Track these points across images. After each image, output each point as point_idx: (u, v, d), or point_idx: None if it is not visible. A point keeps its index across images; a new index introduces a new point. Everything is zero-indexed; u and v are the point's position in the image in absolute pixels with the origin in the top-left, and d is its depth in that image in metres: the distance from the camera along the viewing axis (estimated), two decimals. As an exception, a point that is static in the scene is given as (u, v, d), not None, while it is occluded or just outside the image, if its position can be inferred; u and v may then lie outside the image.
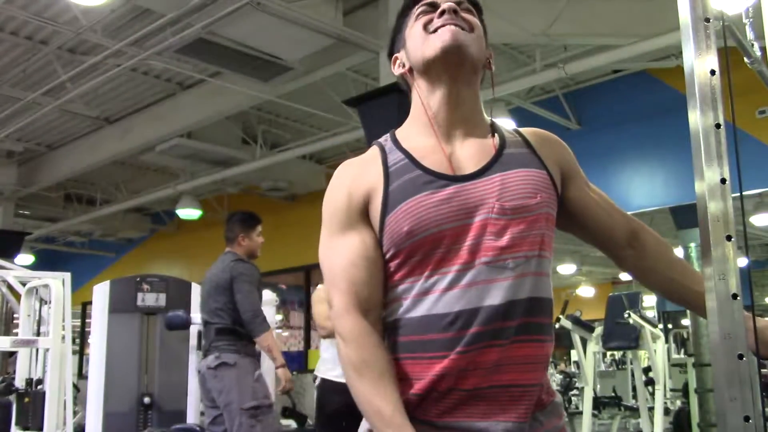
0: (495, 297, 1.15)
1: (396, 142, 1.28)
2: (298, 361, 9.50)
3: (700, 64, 1.14)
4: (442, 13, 1.25)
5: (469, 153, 1.25)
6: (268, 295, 5.20)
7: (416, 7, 1.31)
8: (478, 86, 1.32)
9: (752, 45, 1.50)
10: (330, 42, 5.46)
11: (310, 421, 6.52)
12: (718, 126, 1.12)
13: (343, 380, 4.29)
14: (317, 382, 4.02)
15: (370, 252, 1.20)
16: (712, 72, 1.14)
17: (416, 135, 1.28)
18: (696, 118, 1.14)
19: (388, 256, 1.20)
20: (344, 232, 1.21)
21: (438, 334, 1.15)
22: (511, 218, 1.18)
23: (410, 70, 1.30)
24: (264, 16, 4.94)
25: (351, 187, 1.23)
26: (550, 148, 1.33)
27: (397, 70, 1.34)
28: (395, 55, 1.35)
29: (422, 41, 1.26)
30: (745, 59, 1.52)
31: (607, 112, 6.88)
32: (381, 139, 1.31)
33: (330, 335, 3.96)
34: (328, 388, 3.87)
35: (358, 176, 1.24)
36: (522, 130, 1.36)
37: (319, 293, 4.23)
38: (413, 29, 1.29)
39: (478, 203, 1.18)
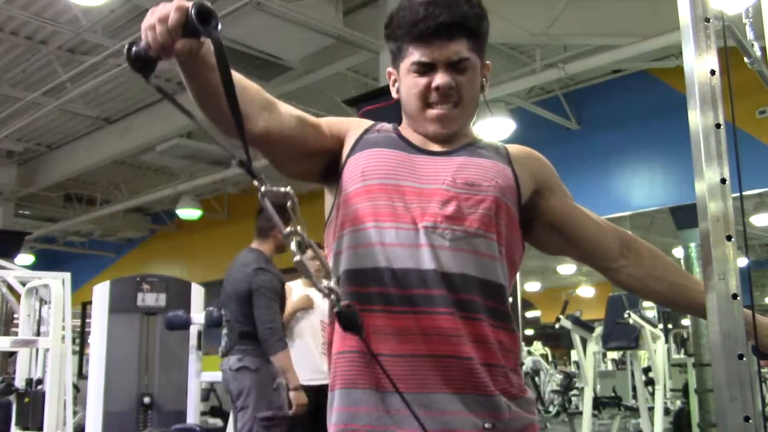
0: (429, 262, 1.17)
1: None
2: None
3: (700, 64, 1.15)
4: (437, 88, 1.26)
5: (445, 141, 1.32)
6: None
7: (412, 49, 1.27)
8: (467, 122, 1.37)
9: (752, 45, 1.50)
10: (330, 42, 5.46)
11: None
12: (718, 126, 1.12)
13: (310, 383, 4.12)
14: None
15: (314, 133, 1.26)
16: (712, 72, 1.14)
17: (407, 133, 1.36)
18: (696, 118, 1.14)
19: (343, 194, 1.25)
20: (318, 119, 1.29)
21: (379, 287, 1.17)
22: (459, 192, 1.22)
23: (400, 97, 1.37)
24: (264, 16, 4.94)
25: (345, 122, 1.35)
26: (528, 160, 1.36)
27: (393, 93, 1.38)
28: (389, 71, 1.38)
29: (414, 105, 1.30)
30: (745, 59, 1.52)
31: (607, 112, 6.88)
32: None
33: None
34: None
35: (354, 123, 1.36)
36: (507, 145, 1.40)
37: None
38: (407, 79, 1.30)
39: (434, 173, 1.24)
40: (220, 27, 0.97)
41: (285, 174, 1.30)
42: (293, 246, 0.96)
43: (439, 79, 1.25)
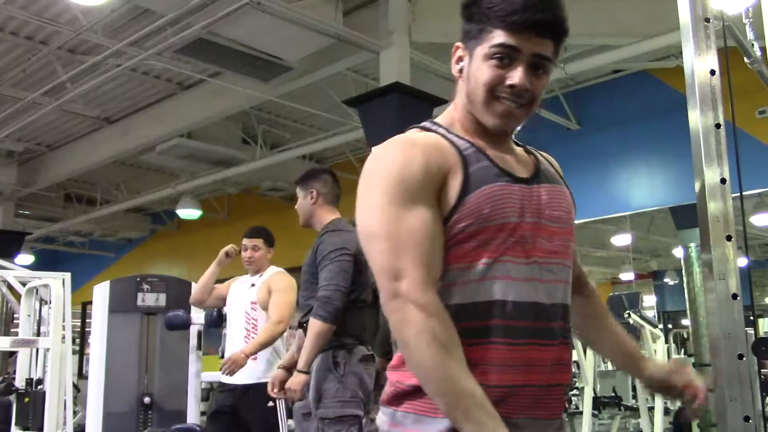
0: (545, 296, 1.20)
1: (448, 131, 1.27)
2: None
3: (700, 64, 1.14)
4: (512, 87, 1.20)
5: (513, 159, 1.28)
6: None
7: (500, 32, 1.19)
8: None
9: (752, 45, 1.50)
10: (330, 42, 5.45)
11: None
12: (718, 126, 1.12)
13: (233, 382, 3.59)
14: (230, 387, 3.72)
15: (439, 230, 1.17)
16: (712, 72, 1.14)
17: (462, 132, 1.28)
18: (696, 118, 1.14)
19: (459, 236, 1.18)
20: (415, 204, 1.16)
21: (503, 320, 1.16)
22: (557, 226, 1.24)
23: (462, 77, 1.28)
24: (264, 16, 4.94)
25: (428, 162, 1.19)
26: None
27: (454, 69, 1.30)
28: (458, 45, 1.28)
29: (481, 94, 1.23)
30: (745, 59, 1.52)
31: (607, 112, 6.88)
32: (426, 125, 1.29)
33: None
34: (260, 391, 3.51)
35: (433, 154, 1.20)
36: (535, 150, 1.39)
37: (290, 281, 3.89)
38: (481, 65, 1.22)
39: (537, 207, 1.23)
40: None
41: None
42: None
43: (518, 77, 1.20)
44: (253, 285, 3.86)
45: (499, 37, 1.19)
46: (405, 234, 1.14)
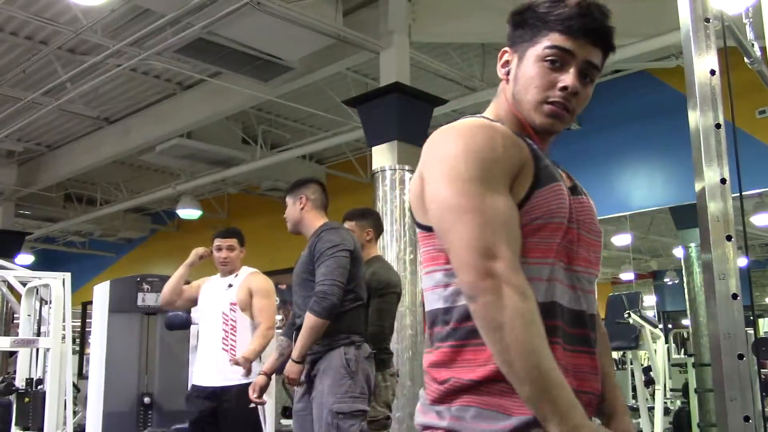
0: (585, 305, 1.22)
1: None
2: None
3: (700, 64, 1.15)
4: (564, 88, 1.21)
5: (543, 137, 1.29)
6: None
7: (555, 35, 1.22)
8: None
9: (752, 45, 1.50)
10: (330, 42, 5.45)
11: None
12: (718, 126, 1.12)
13: (212, 384, 3.55)
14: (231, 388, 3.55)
15: (518, 216, 1.15)
16: (712, 72, 1.14)
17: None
18: (696, 118, 1.14)
19: (526, 228, 1.16)
20: (498, 186, 1.13)
21: (562, 323, 1.17)
22: (592, 238, 1.27)
23: (509, 79, 1.29)
24: (264, 16, 4.93)
25: (509, 148, 1.17)
26: None
27: (500, 72, 1.31)
28: (506, 49, 1.30)
29: (532, 95, 1.24)
30: (745, 59, 1.52)
31: (607, 112, 6.87)
32: (484, 116, 1.29)
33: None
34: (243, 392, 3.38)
35: (512, 143, 1.19)
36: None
37: (269, 282, 3.83)
38: (533, 67, 1.24)
39: (579, 216, 1.24)
40: None
41: None
42: None
43: (570, 79, 1.21)
44: (230, 286, 3.76)
45: (554, 40, 1.22)
46: (493, 212, 1.10)
